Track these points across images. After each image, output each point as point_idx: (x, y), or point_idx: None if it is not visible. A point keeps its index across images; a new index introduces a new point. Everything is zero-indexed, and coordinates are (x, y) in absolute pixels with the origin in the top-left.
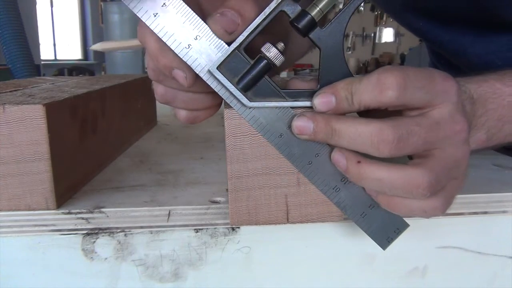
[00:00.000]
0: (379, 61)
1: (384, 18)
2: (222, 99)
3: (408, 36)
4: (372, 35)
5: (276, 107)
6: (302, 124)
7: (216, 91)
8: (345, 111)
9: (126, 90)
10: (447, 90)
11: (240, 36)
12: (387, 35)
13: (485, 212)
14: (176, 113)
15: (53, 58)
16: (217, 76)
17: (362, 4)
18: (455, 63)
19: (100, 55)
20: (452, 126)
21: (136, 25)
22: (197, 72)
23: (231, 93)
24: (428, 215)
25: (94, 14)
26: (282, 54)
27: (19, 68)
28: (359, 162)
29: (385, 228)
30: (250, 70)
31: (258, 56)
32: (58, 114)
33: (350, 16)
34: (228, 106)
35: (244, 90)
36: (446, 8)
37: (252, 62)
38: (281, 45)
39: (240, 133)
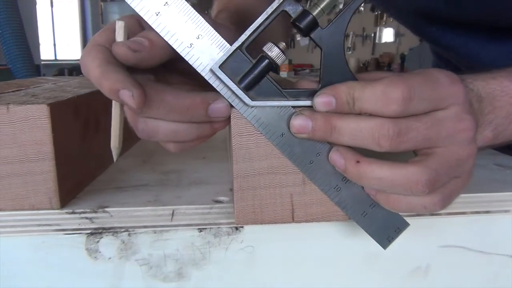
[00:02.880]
0: (379, 61)
1: (384, 18)
2: (210, 131)
3: (408, 36)
4: (372, 35)
5: (278, 107)
6: (300, 123)
7: (218, 90)
8: (345, 113)
9: None
10: (453, 94)
11: (242, 36)
12: (387, 35)
13: (488, 212)
14: (164, 146)
15: (53, 58)
16: (219, 75)
17: (362, 4)
18: (466, 67)
19: None
20: (456, 125)
21: None
22: (199, 71)
23: (233, 92)
24: (428, 211)
25: (94, 14)
26: (284, 54)
27: (19, 68)
28: (358, 161)
29: (385, 228)
30: (252, 70)
31: (260, 55)
32: (61, 114)
33: (351, 16)
34: (233, 105)
35: (246, 89)
36: (459, 15)
37: (254, 61)
38: (282, 44)
39: (246, 132)
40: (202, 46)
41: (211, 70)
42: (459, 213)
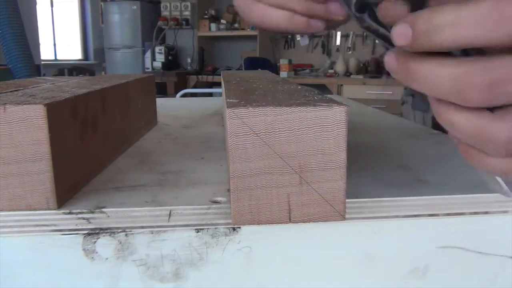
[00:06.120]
0: (379, 61)
1: None
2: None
3: None
4: None
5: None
6: (400, 31)
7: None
8: (423, 49)
9: (127, 90)
10: None
11: None
12: None
13: (486, 212)
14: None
15: (53, 58)
16: None
17: None
18: None
19: (100, 55)
20: None
21: (136, 26)
22: None
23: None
24: (509, 177)
25: (94, 14)
26: None
27: (19, 68)
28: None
29: None
30: None
31: None
32: (59, 114)
33: None
34: (230, 105)
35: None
36: None
37: None
38: None
39: (242, 132)
40: None
41: None
42: (458, 213)
